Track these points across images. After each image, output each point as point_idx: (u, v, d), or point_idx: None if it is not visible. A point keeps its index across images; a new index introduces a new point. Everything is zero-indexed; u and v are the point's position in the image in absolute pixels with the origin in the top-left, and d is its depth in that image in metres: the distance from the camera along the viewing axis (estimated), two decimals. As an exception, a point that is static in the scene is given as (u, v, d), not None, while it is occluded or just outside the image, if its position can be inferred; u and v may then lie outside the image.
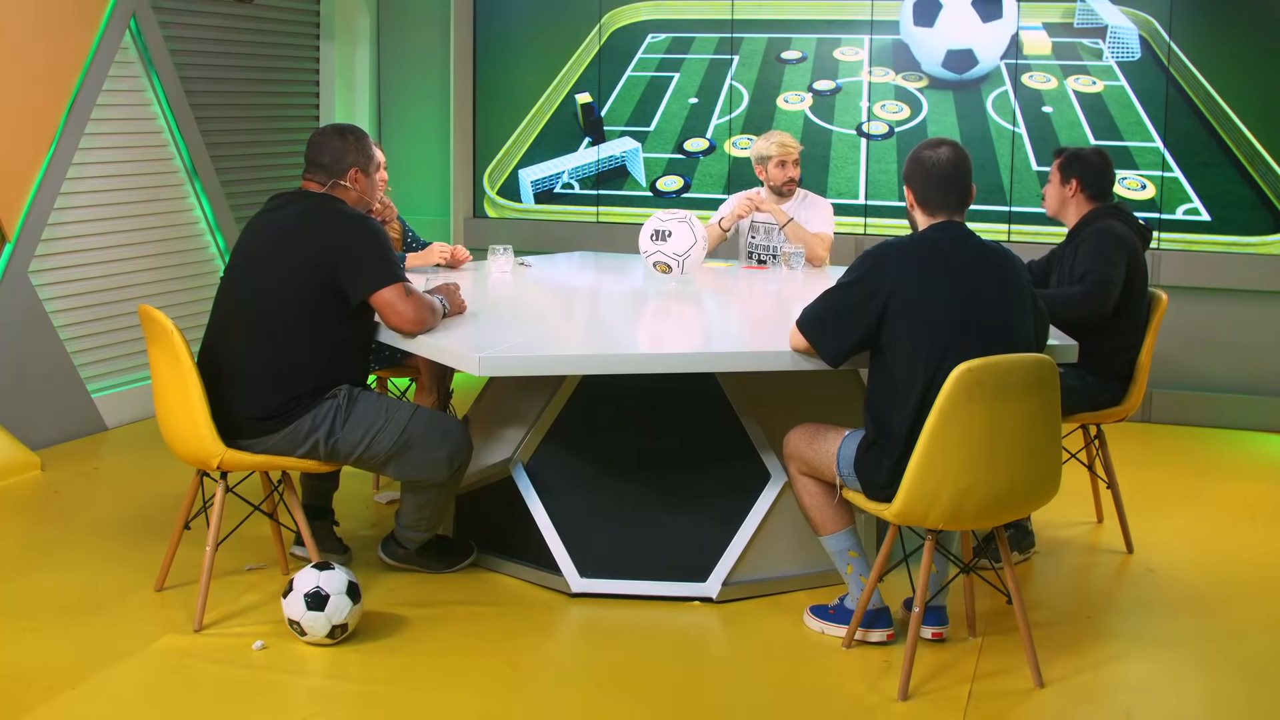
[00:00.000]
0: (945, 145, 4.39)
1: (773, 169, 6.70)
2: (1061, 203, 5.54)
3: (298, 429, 4.60)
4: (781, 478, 4.85)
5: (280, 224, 4.69)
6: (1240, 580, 5.12)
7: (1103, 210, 5.42)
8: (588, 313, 5.96)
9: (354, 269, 4.60)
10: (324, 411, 4.62)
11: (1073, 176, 5.47)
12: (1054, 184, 5.56)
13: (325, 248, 4.59)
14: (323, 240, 4.61)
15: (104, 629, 4.57)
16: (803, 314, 4.41)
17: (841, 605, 4.61)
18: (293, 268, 4.59)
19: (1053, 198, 5.58)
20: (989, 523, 4.28)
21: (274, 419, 4.59)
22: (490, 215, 9.21)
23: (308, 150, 4.79)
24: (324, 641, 4.39)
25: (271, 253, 4.65)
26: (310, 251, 4.60)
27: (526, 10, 9.06)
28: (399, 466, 4.75)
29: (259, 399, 4.59)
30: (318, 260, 4.58)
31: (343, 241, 4.61)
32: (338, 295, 4.62)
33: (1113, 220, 5.36)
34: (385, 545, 5.14)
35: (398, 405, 4.77)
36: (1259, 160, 7.67)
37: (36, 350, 6.75)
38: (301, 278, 4.59)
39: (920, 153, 4.39)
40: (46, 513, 5.85)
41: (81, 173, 6.99)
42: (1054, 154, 5.61)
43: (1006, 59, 8.12)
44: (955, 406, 3.99)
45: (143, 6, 7.26)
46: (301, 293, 4.59)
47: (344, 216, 4.68)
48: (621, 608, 4.83)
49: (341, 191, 4.76)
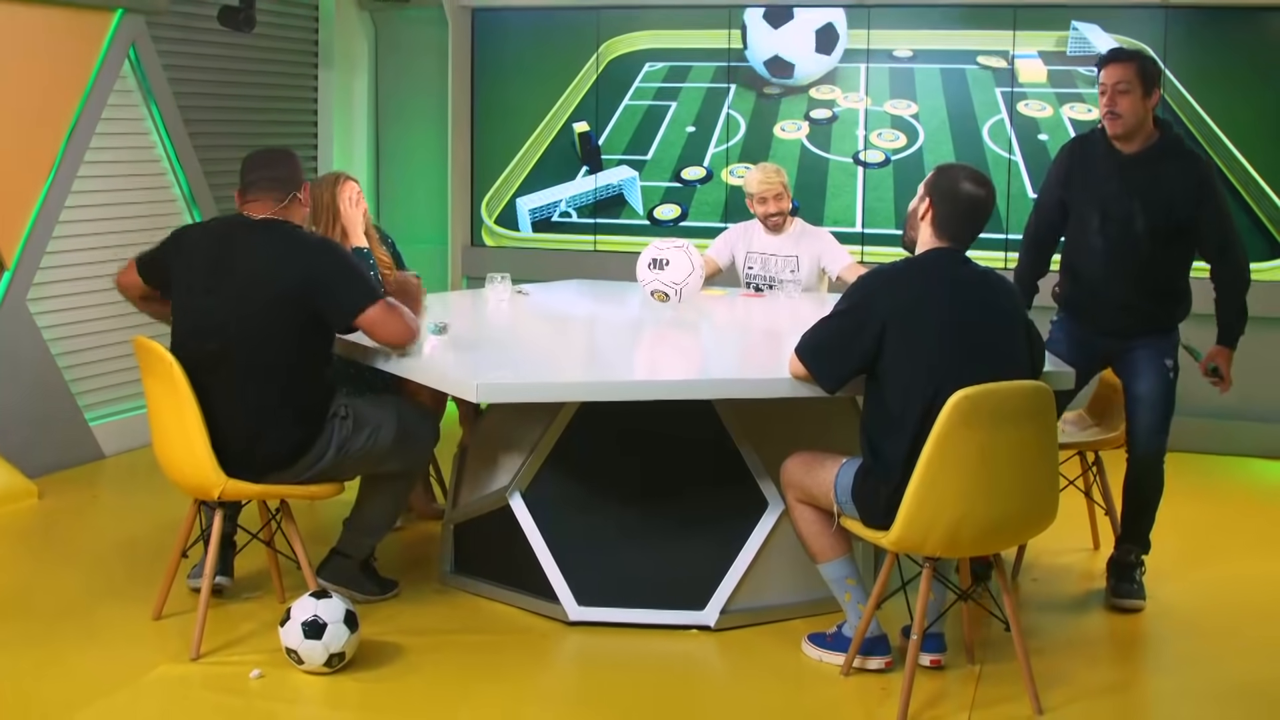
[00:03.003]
0: (984, 186, 4.34)
1: (756, 206, 6.70)
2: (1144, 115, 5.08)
3: (316, 454, 4.64)
4: (779, 505, 4.85)
5: (245, 261, 4.61)
6: (1240, 607, 5.12)
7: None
8: (585, 340, 5.97)
9: (334, 298, 4.59)
10: (335, 431, 4.67)
11: (1154, 87, 5.08)
12: (1135, 95, 5.04)
13: (301, 283, 4.54)
14: (297, 276, 4.55)
15: (101, 657, 4.56)
16: (801, 341, 4.41)
17: (839, 633, 4.60)
18: (276, 311, 4.55)
19: (1134, 110, 5.06)
20: (987, 550, 4.29)
21: (298, 451, 4.62)
22: (488, 243, 9.23)
23: (254, 169, 4.78)
24: (321, 670, 4.38)
25: (247, 289, 4.55)
26: (287, 289, 4.54)
27: (524, 39, 9.09)
28: (402, 456, 4.84)
29: (280, 439, 4.60)
30: (297, 298, 4.54)
31: (315, 274, 4.57)
32: (322, 324, 4.63)
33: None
34: (325, 568, 4.97)
35: (384, 400, 4.95)
36: (1254, 186, 7.70)
37: (34, 378, 6.75)
38: (285, 315, 4.55)
39: (960, 183, 4.31)
40: (44, 541, 5.85)
41: (80, 200, 7.00)
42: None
43: (1002, 87, 8.16)
44: (952, 434, 4.00)
45: (142, 35, 7.28)
46: (290, 331, 4.58)
47: (308, 247, 4.66)
48: (619, 636, 4.83)
49: (296, 207, 4.76)
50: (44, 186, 6.75)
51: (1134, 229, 5.07)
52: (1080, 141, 5.40)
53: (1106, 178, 5.13)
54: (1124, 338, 5.21)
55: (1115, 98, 5.02)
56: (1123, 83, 5.00)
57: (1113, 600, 5.18)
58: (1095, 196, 5.16)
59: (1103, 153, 5.17)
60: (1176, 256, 5.17)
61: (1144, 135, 5.08)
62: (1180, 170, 5.07)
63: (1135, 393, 5.20)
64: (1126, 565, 5.22)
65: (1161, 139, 5.12)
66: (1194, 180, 5.06)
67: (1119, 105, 5.01)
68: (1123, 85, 5.00)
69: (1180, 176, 5.05)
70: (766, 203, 6.66)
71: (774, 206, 6.65)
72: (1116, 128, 5.05)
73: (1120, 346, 5.22)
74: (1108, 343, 5.24)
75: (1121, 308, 5.17)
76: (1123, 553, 5.25)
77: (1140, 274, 5.12)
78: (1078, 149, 5.34)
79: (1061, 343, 5.27)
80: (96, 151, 7.08)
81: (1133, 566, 5.22)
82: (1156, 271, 5.14)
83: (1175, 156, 5.12)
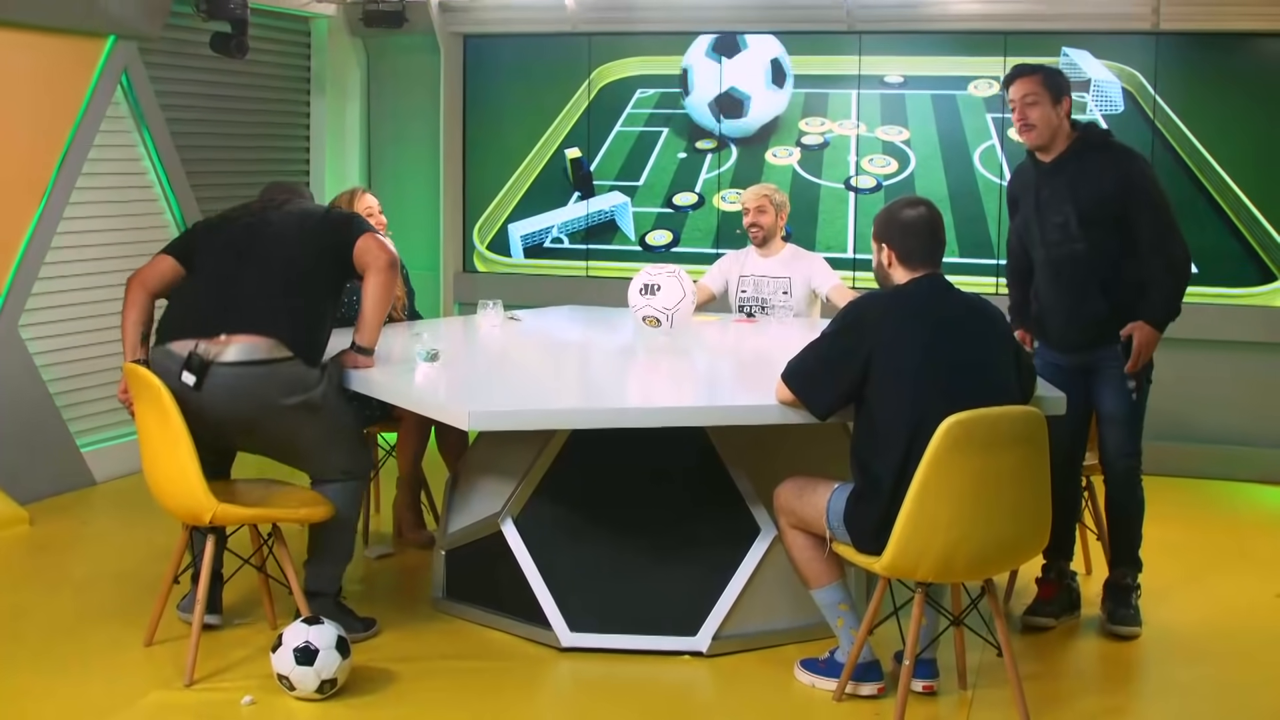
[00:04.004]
0: (921, 204, 4.47)
1: (745, 218, 6.82)
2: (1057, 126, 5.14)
3: (304, 375, 4.75)
4: (771, 531, 4.85)
5: (270, 208, 5.07)
6: (1233, 632, 5.12)
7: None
8: (577, 367, 5.97)
9: (347, 225, 5.04)
10: (322, 372, 4.83)
11: (1063, 95, 5.14)
12: (1044, 104, 5.10)
13: (324, 217, 5.09)
14: (320, 214, 5.12)
15: (93, 684, 4.54)
16: (788, 366, 4.42)
17: (832, 658, 4.60)
18: (294, 236, 4.94)
19: (1045, 119, 5.12)
20: (979, 575, 4.29)
21: (295, 335, 4.76)
22: (480, 270, 9.24)
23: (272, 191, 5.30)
24: (313, 697, 4.37)
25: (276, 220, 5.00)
26: (310, 222, 5.01)
27: (516, 65, 9.12)
28: (351, 453, 4.99)
29: (292, 324, 4.77)
30: (320, 229, 4.99)
31: (334, 215, 5.16)
32: (340, 257, 4.93)
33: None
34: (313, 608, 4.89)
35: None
36: (1245, 212, 7.72)
37: (26, 404, 6.75)
38: (310, 238, 4.95)
39: (899, 213, 4.43)
40: (35, 568, 5.84)
41: (72, 227, 7.01)
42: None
43: (993, 113, 8.19)
44: (944, 459, 4.00)
45: (134, 61, 7.29)
46: (311, 250, 4.92)
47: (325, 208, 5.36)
48: (612, 662, 4.82)
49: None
50: (36, 213, 6.75)
51: (1069, 231, 5.09)
52: (1016, 170, 5.49)
53: (1037, 190, 5.19)
54: (1085, 351, 5.16)
55: (1025, 110, 5.09)
56: (1030, 95, 5.07)
57: (1109, 627, 5.16)
58: (1031, 211, 5.22)
59: (1030, 169, 5.25)
60: (1122, 254, 5.08)
61: (1063, 140, 5.13)
62: (1102, 163, 5.09)
63: (1101, 414, 5.21)
64: (1122, 589, 5.21)
65: (1079, 139, 5.15)
66: (1120, 171, 5.06)
67: (1030, 116, 5.08)
68: (1030, 98, 5.07)
69: (1102, 169, 5.07)
70: (749, 212, 6.77)
71: (754, 217, 6.75)
72: (1031, 139, 5.13)
73: (1086, 362, 5.18)
74: (1075, 359, 5.20)
75: (1072, 316, 5.16)
76: (1117, 576, 5.24)
77: (1083, 277, 5.10)
78: (1015, 176, 5.47)
79: (1045, 370, 5.23)
80: (89, 177, 7.09)
81: (1129, 590, 5.21)
82: (1102, 271, 5.09)
83: (1096, 151, 5.14)
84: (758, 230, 6.75)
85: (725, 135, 8.73)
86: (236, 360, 4.65)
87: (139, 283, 4.93)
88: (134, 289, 4.92)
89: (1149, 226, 5.04)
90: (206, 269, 4.89)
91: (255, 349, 4.67)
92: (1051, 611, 5.25)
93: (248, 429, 4.77)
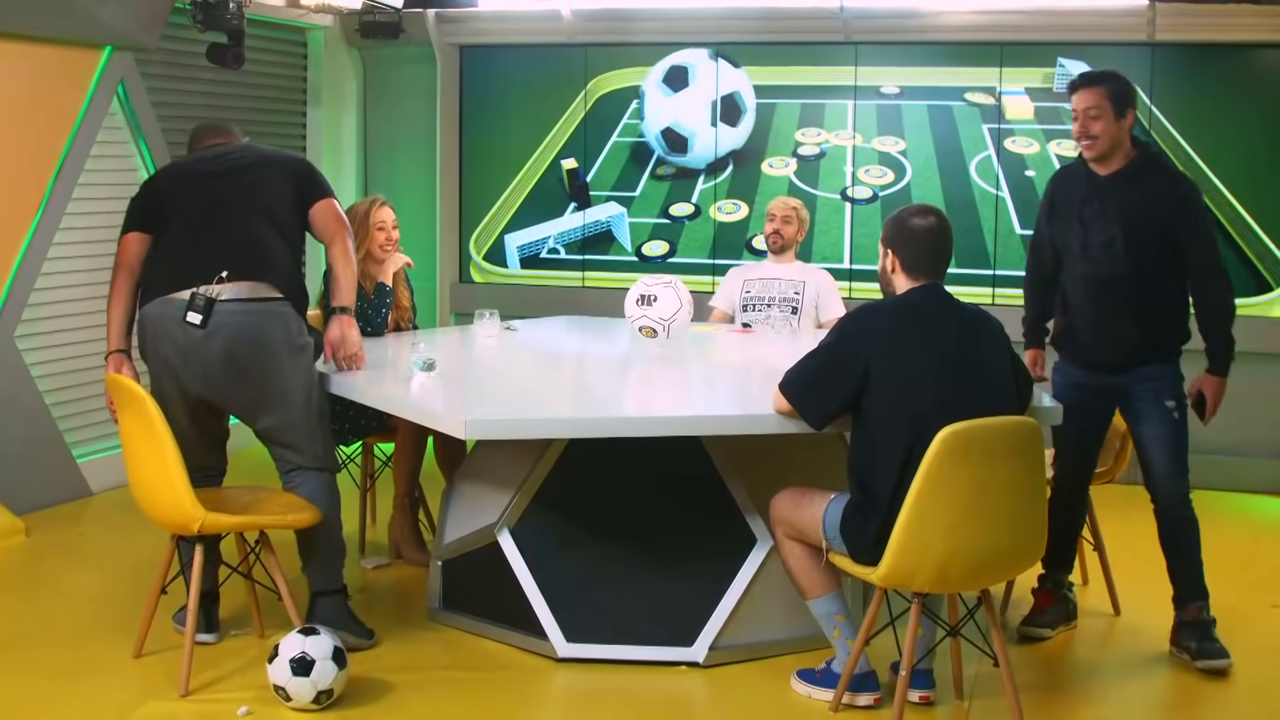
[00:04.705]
0: (932, 214, 4.45)
1: (766, 224, 6.98)
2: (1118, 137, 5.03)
3: (299, 322, 4.87)
4: (768, 541, 4.84)
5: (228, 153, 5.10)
6: (1229, 642, 5.10)
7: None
8: (574, 377, 5.97)
9: (314, 180, 5.12)
10: (311, 332, 4.95)
11: (1128, 108, 5.03)
12: (1108, 118, 5.00)
13: (290, 166, 5.12)
14: (285, 158, 5.17)
15: (89, 695, 4.54)
16: (785, 376, 4.43)
17: (829, 669, 4.59)
18: (272, 182, 5.01)
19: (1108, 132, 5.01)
20: (975, 585, 4.29)
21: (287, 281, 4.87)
22: (476, 280, 9.24)
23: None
24: (309, 707, 4.36)
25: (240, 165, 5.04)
26: (280, 170, 5.06)
27: (512, 76, 9.12)
28: (312, 432, 4.95)
29: (280, 264, 4.88)
30: (286, 174, 5.05)
31: (297, 163, 5.21)
32: (300, 205, 5.01)
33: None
34: (314, 613, 4.92)
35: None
36: (1241, 222, 7.73)
37: (21, 415, 6.74)
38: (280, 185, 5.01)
39: (908, 220, 4.43)
40: (31, 578, 5.83)
41: (68, 238, 7.00)
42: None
43: (989, 124, 8.19)
44: (940, 470, 4.00)
45: (131, 72, 7.29)
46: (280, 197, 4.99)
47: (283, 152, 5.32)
48: (608, 672, 4.81)
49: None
50: (32, 223, 6.75)
51: (1115, 250, 4.96)
52: (1061, 172, 5.37)
53: (1086, 201, 5.06)
54: (1120, 372, 5.03)
55: (1087, 123, 4.98)
56: (1093, 108, 4.97)
57: (1202, 664, 4.89)
58: (1077, 222, 5.08)
59: (1082, 178, 5.11)
60: (1163, 277, 4.98)
61: (1121, 155, 5.02)
62: (1158, 185, 4.99)
63: (1142, 439, 5.05)
64: (1201, 625, 4.98)
65: (1139, 157, 5.06)
66: (1174, 195, 4.97)
67: (1092, 129, 4.98)
68: (1094, 110, 4.97)
69: (1158, 191, 4.97)
70: (774, 220, 6.91)
71: (779, 225, 6.89)
72: (1091, 151, 5.01)
73: (1120, 384, 5.05)
74: (1101, 380, 5.07)
75: (1111, 336, 5.02)
76: (1194, 612, 5.00)
77: (1126, 297, 4.98)
78: (1059, 180, 5.31)
79: (1064, 389, 5.16)
80: (85, 188, 7.08)
81: (1209, 624, 4.98)
82: (1143, 293, 4.98)
83: (1154, 172, 5.05)
84: (778, 239, 6.88)
85: (681, 164, 8.82)
86: (239, 297, 4.74)
87: (126, 270, 4.95)
88: (122, 276, 4.96)
89: (1200, 258, 4.98)
90: (187, 219, 4.91)
91: (255, 289, 4.77)
92: (1048, 621, 5.24)
93: (244, 375, 4.78)
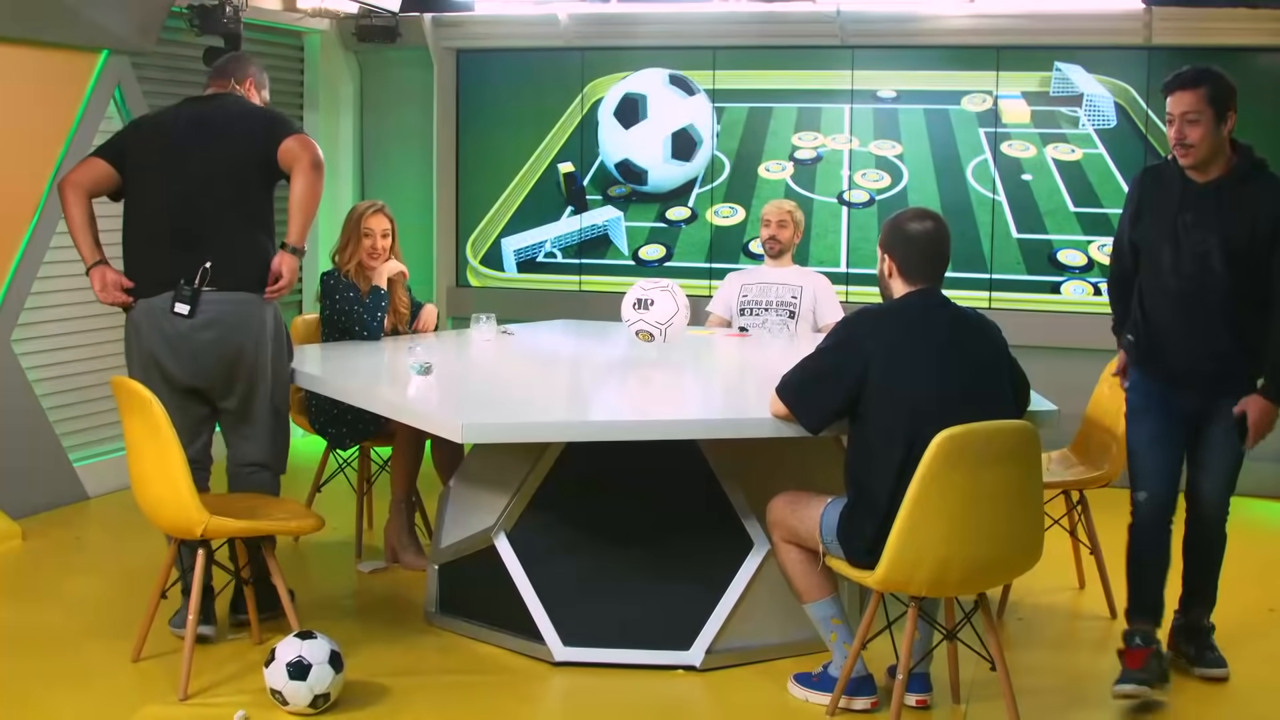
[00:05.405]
0: (930, 218, 4.44)
1: (762, 229, 6.98)
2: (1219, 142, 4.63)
3: (273, 310, 5.03)
4: (765, 545, 4.84)
5: (202, 120, 5.12)
6: (1226, 646, 5.11)
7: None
8: (570, 381, 5.97)
9: (275, 127, 5.09)
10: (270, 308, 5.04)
11: (1229, 110, 4.65)
12: (1207, 123, 4.59)
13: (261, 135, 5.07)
14: (251, 134, 5.09)
15: (87, 699, 4.54)
16: (782, 380, 4.43)
17: (825, 673, 4.59)
18: (235, 146, 5.04)
19: (1207, 139, 4.61)
20: (972, 589, 4.29)
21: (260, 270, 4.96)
22: (473, 284, 9.24)
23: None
24: (306, 711, 4.36)
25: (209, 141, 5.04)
26: (243, 130, 5.08)
27: (509, 80, 9.12)
28: (287, 441, 5.20)
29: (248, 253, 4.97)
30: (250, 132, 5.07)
31: (264, 118, 5.20)
32: (269, 160, 5.01)
33: None
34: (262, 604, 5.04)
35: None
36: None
37: (18, 419, 6.73)
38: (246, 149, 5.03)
39: (906, 225, 4.41)
40: (27, 583, 5.82)
41: (65, 241, 6.90)
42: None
43: (986, 128, 8.20)
44: (937, 474, 4.00)
45: (127, 75, 7.29)
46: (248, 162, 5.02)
47: (252, 107, 5.33)
48: (605, 676, 4.81)
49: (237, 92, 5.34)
50: (28, 228, 6.74)
51: (1210, 264, 4.57)
52: (1149, 173, 4.89)
53: (1179, 210, 4.64)
54: (1207, 395, 4.70)
55: (1184, 128, 4.57)
56: (1191, 113, 4.56)
57: (1201, 671, 4.85)
58: (1167, 231, 4.65)
59: (1175, 183, 4.69)
60: (1250, 293, 4.60)
61: (1222, 162, 4.62)
62: (1260, 194, 4.59)
63: (1207, 457, 4.79)
64: (1203, 631, 4.93)
65: (1241, 163, 4.63)
66: (1277, 208, 4.57)
67: (1189, 136, 4.56)
68: (1192, 115, 4.56)
69: (1260, 201, 4.57)
70: (770, 225, 6.90)
71: (775, 230, 6.89)
72: (1189, 159, 4.59)
73: (1201, 407, 4.72)
74: (1188, 399, 4.73)
75: (1200, 356, 4.66)
76: (1195, 617, 4.93)
77: (1213, 313, 4.62)
78: (1147, 181, 4.84)
79: (1143, 409, 4.80)
80: (82, 192, 7.07)
81: (1209, 631, 4.93)
82: (1230, 310, 4.61)
83: (1257, 181, 4.62)
84: (775, 243, 6.90)
85: (639, 190, 8.90)
86: (221, 287, 4.89)
87: (72, 184, 5.04)
88: (70, 190, 5.04)
89: None
90: (156, 190, 5.00)
91: (236, 279, 4.93)
92: (1150, 678, 4.69)
93: (224, 357, 4.92)
